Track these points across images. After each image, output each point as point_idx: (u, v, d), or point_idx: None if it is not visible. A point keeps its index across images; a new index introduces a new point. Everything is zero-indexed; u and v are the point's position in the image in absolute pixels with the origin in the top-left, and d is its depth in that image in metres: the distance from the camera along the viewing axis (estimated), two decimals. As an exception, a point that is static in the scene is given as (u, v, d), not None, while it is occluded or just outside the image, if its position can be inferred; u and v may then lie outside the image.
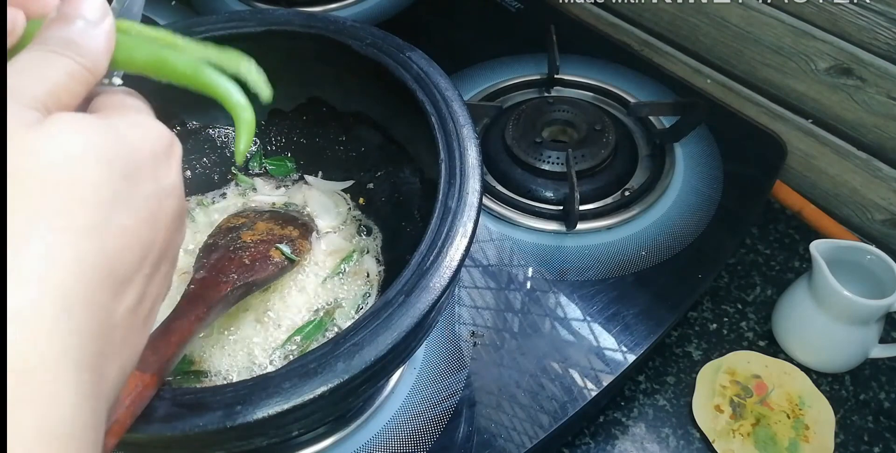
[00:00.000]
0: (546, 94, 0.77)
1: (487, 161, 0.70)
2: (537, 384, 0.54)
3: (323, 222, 0.53)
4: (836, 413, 0.59)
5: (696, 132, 0.71)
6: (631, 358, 0.55)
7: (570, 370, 0.55)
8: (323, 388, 0.32)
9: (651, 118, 0.74)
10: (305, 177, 0.56)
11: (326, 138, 0.56)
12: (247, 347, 0.46)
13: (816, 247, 0.58)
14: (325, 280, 0.50)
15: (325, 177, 0.56)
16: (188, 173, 0.55)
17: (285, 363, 0.34)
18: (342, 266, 0.50)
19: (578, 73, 0.79)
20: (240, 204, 0.55)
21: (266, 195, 0.55)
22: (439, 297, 0.35)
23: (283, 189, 0.56)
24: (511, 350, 0.56)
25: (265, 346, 0.46)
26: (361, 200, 0.55)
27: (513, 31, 0.86)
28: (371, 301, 0.49)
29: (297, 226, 0.50)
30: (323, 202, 0.54)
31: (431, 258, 0.36)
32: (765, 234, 0.74)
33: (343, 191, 0.55)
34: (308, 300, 0.49)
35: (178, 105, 0.53)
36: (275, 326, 0.47)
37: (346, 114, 0.55)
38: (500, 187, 0.68)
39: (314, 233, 0.51)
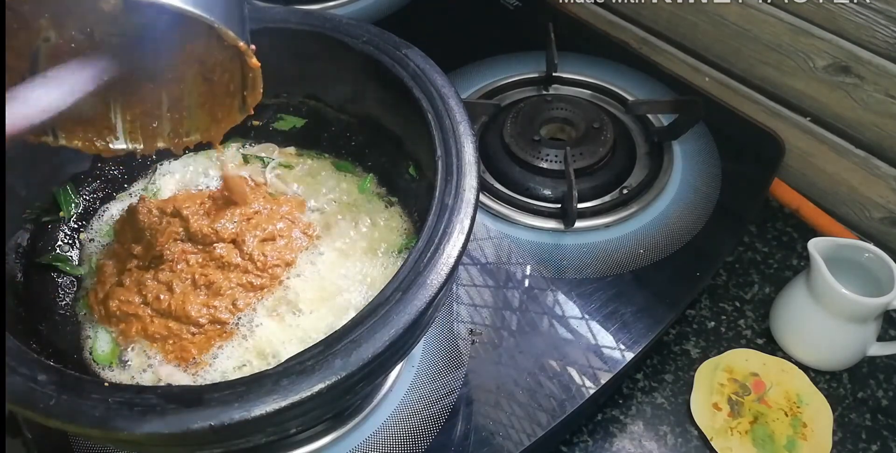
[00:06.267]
0: (544, 92, 0.77)
1: (486, 159, 0.70)
2: (535, 382, 0.54)
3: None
4: (833, 411, 0.59)
5: (694, 130, 0.71)
6: (629, 356, 0.55)
7: (569, 368, 0.55)
8: (320, 386, 0.32)
9: (649, 116, 0.74)
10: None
11: (322, 135, 0.56)
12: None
13: (814, 245, 0.58)
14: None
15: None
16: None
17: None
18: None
19: (577, 71, 0.79)
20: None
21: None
22: (436, 294, 0.35)
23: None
24: (509, 348, 0.56)
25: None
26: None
27: (511, 28, 0.86)
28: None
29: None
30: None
31: (428, 255, 0.36)
32: (763, 232, 0.74)
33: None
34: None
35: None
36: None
37: (342, 112, 0.55)
38: (498, 185, 0.68)
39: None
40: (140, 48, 0.39)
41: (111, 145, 0.43)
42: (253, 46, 0.37)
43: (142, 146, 0.43)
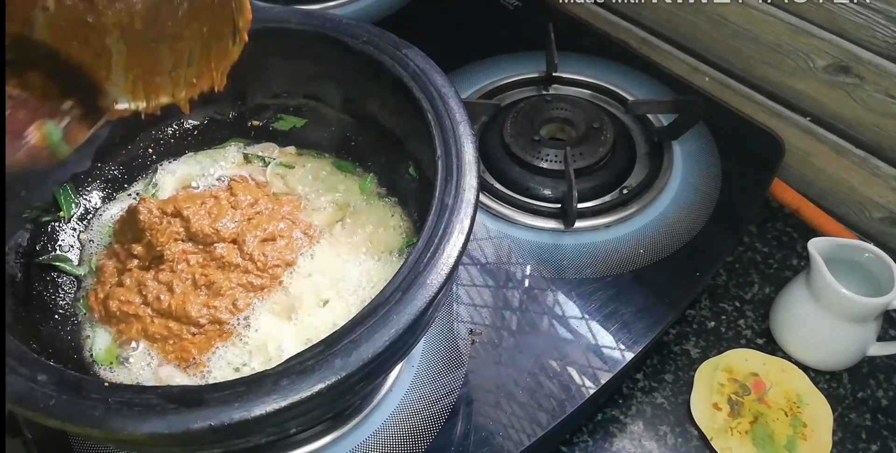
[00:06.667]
0: (544, 92, 0.77)
1: (485, 159, 0.70)
2: (535, 382, 0.54)
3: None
4: (833, 411, 0.59)
5: (694, 130, 0.71)
6: (629, 356, 0.55)
7: (569, 368, 0.55)
8: (320, 386, 0.32)
9: (649, 116, 0.74)
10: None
11: (322, 135, 0.57)
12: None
13: (814, 245, 0.58)
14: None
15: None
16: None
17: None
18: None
19: (577, 71, 0.79)
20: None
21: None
22: (436, 294, 0.35)
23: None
24: (509, 348, 0.56)
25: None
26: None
27: (511, 28, 0.86)
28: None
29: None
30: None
31: (428, 255, 0.36)
32: (763, 232, 0.74)
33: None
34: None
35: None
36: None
37: (342, 112, 0.55)
38: (498, 185, 0.68)
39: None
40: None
41: (115, 106, 0.42)
42: None
43: (144, 104, 0.42)
